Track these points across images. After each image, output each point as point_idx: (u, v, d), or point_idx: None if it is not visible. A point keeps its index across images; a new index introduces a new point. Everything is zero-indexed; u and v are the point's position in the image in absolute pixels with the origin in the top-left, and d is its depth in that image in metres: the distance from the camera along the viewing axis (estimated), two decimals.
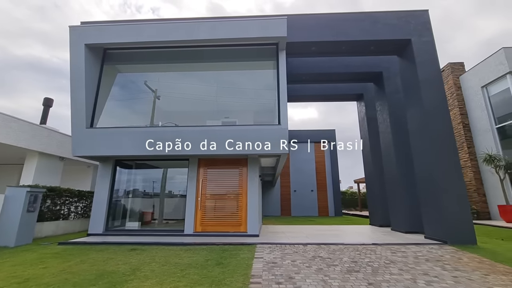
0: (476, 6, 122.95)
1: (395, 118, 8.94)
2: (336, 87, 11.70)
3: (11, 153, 9.15)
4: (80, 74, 7.15)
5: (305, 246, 6.21)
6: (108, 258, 5.32)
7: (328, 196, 20.06)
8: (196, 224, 7.87)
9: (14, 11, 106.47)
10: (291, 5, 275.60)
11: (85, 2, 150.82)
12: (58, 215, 8.81)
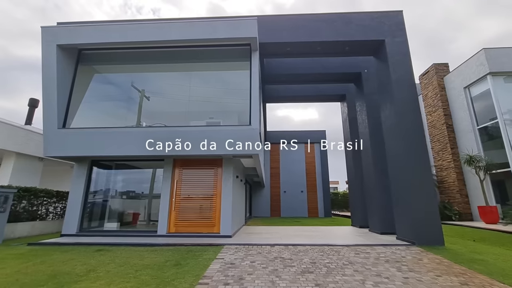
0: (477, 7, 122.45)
1: (373, 119, 8.94)
2: (318, 88, 11.70)
3: None
4: (52, 75, 7.15)
5: (272, 247, 6.19)
6: (69, 259, 5.30)
7: (318, 197, 20.03)
8: (170, 225, 7.85)
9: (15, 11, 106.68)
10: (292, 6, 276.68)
11: (85, 3, 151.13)
12: (35, 216, 8.79)
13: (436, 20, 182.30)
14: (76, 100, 7.99)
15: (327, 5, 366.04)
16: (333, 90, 11.68)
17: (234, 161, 8.27)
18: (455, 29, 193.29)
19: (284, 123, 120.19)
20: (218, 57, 8.20)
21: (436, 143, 12.93)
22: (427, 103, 13.66)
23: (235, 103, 8.62)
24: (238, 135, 6.94)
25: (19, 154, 9.19)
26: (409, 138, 6.74)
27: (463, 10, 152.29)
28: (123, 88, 8.75)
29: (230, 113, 8.80)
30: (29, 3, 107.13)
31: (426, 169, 6.53)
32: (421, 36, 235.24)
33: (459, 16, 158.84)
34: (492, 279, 3.96)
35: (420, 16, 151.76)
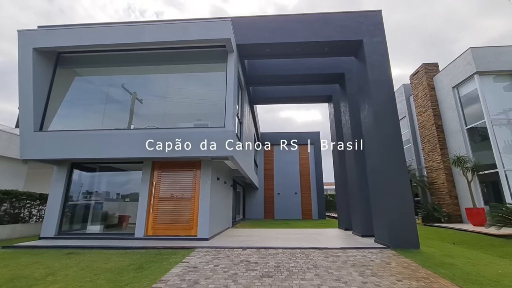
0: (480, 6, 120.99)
1: (355, 120, 8.83)
2: (305, 89, 11.62)
3: None
4: (28, 78, 7.17)
5: (243, 250, 6.11)
6: (34, 263, 5.26)
7: (312, 199, 19.87)
8: (147, 227, 7.80)
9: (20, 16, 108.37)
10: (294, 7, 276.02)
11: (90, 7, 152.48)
12: (17, 219, 8.81)
13: (438, 20, 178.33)
14: (55, 103, 8.01)
15: (329, 6, 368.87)
16: (319, 91, 11.59)
17: (214, 163, 8.22)
18: (458, 29, 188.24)
19: (287, 125, 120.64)
20: (199, 59, 8.15)
21: (426, 144, 12.74)
22: (417, 103, 13.49)
23: (217, 105, 8.57)
24: (213, 137, 6.88)
25: (1, 157, 9.23)
26: (386, 139, 6.63)
27: (466, 9, 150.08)
28: (104, 90, 8.74)
29: (214, 115, 8.74)
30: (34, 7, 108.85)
31: (403, 172, 6.40)
32: (423, 37, 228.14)
33: (462, 15, 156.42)
34: (453, 284, 3.84)
35: (421, 16, 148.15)
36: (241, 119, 9.58)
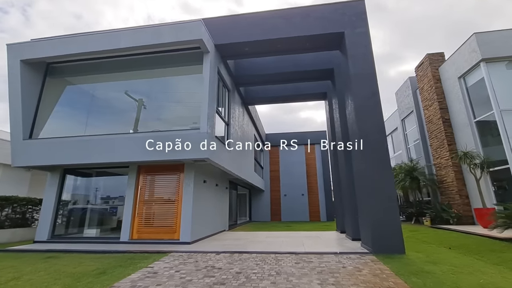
0: None
1: (344, 117, 8.38)
2: (299, 87, 11.28)
3: None
4: (16, 89, 7.51)
5: (217, 255, 5.94)
6: (9, 266, 5.42)
7: (320, 200, 19.26)
8: (132, 231, 7.86)
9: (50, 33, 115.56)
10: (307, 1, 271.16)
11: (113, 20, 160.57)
12: (18, 223, 9.25)
13: (466, 8, 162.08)
14: (47, 111, 8.33)
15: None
16: (313, 89, 11.19)
17: (199, 166, 8.13)
18: (489, 15, 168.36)
19: (307, 125, 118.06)
20: (180, 62, 8.11)
21: (434, 140, 11.85)
22: (423, 97, 12.61)
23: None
24: (188, 139, 6.80)
25: (5, 165, 9.77)
26: (367, 137, 6.19)
27: None
28: (96, 97, 8.97)
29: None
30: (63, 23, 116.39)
31: (386, 172, 5.93)
32: (449, 27, 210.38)
33: (493, 1, 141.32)
34: None
35: (447, 5, 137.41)
36: (228, 121, 9.44)
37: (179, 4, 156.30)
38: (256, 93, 11.81)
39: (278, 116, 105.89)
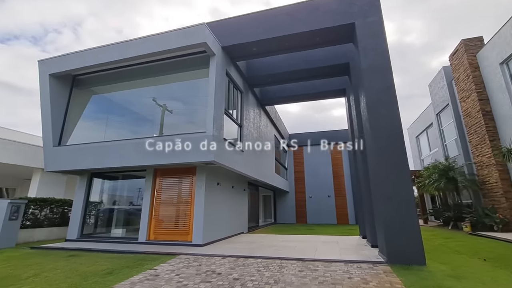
0: None
1: (361, 114, 7.81)
2: (315, 84, 10.83)
3: (23, 170, 11.02)
4: (46, 101, 8.26)
5: (222, 259, 5.87)
6: (35, 263, 5.92)
7: (348, 202, 18.30)
8: (149, 232, 8.15)
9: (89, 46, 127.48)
10: None
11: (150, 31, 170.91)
12: (54, 222, 10.16)
13: None
14: (73, 120, 9.04)
15: None
16: (331, 85, 10.66)
17: (211, 169, 8.16)
18: None
19: (341, 123, 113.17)
20: (191, 66, 8.25)
21: (473, 135, 10.52)
22: (460, 88, 11.27)
23: None
24: (194, 142, 6.86)
25: (62, 171, 10.77)
26: (381, 135, 5.66)
27: None
28: (119, 104, 9.50)
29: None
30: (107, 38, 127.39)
31: (403, 173, 5.36)
32: (499, 12, 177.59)
33: None
34: None
35: None
36: (241, 123, 9.37)
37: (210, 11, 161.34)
38: (272, 93, 11.60)
39: (310, 116, 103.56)
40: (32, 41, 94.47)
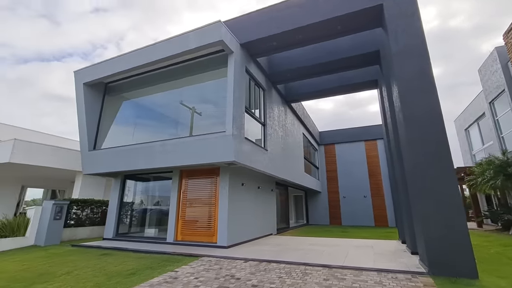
0: None
1: (394, 105, 7.05)
2: (342, 77, 10.13)
3: (69, 173, 12.02)
4: (82, 109, 8.87)
5: (244, 263, 5.66)
6: (71, 261, 6.30)
7: (386, 203, 16.96)
8: (177, 233, 8.27)
9: None
10: None
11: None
12: (95, 222, 10.90)
13: None
14: (106, 124, 9.58)
15: None
16: (361, 77, 9.87)
17: (235, 169, 8.03)
18: None
19: (378, 119, 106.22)
20: (211, 66, 8.20)
21: None
22: None
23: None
24: (214, 143, 6.76)
25: (97, 173, 11.63)
26: (417, 126, 4.97)
27: None
28: (147, 108, 9.86)
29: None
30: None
31: (445, 169, 4.63)
32: None
33: None
34: None
35: None
36: (265, 121, 9.10)
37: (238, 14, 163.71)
38: (297, 89, 11.14)
39: (344, 113, 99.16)
40: (83, 57, 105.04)
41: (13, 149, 9.06)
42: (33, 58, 71.83)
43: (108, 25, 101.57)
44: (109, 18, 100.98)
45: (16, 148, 9.16)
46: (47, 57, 78.38)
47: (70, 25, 79.24)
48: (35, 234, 8.58)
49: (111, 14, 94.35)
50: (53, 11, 65.63)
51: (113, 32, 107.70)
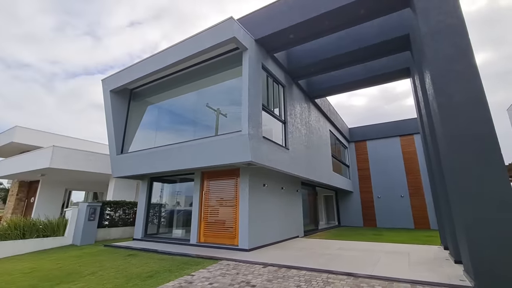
0: None
1: (427, 94, 6.25)
2: (369, 67, 9.36)
3: (104, 177, 12.78)
4: (109, 115, 9.30)
5: (263, 268, 5.39)
6: (98, 261, 6.56)
7: (427, 203, 15.45)
8: (199, 234, 8.26)
9: None
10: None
11: None
12: (127, 222, 11.42)
13: None
14: (132, 129, 9.95)
15: None
16: (390, 66, 9.02)
17: (255, 169, 7.80)
18: None
19: (414, 112, 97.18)
20: (228, 65, 8.07)
21: None
22: None
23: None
24: (230, 143, 6.59)
25: (125, 176, 12.28)
26: (455, 115, 4.28)
27: None
28: (169, 111, 10.05)
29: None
30: None
31: (492, 165, 3.90)
32: None
33: None
34: None
35: None
36: (285, 119, 8.73)
37: None
38: (320, 84, 10.56)
39: (378, 108, 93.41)
40: None
41: (52, 155, 9.81)
42: (80, 73, 79.41)
43: (142, 37, 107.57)
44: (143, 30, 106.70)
45: (55, 154, 9.92)
46: (91, 71, 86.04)
47: (110, 40, 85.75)
48: (72, 234, 9.20)
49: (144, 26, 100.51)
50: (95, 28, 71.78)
51: (148, 43, 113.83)
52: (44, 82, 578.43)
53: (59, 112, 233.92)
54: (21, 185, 14.59)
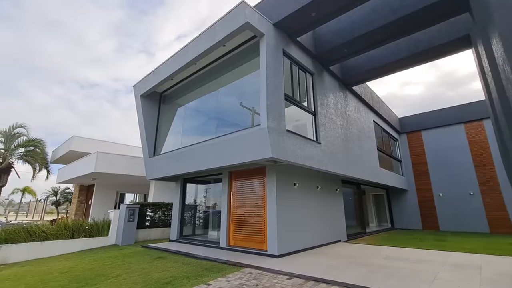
0: None
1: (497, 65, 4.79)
2: (416, 41, 7.86)
3: (144, 179, 13.42)
4: (141, 119, 9.59)
5: (288, 279, 4.70)
6: (129, 263, 6.62)
7: (506, 202, 12.65)
8: (229, 238, 7.89)
9: None
10: None
11: None
12: (166, 223, 11.72)
13: None
14: (164, 131, 10.13)
15: None
16: (441, 36, 7.38)
17: (283, 167, 7.12)
18: None
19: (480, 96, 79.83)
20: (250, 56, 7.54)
21: None
22: None
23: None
24: (250, 139, 6.03)
25: (157, 178, 12.78)
26: None
27: None
28: (197, 110, 9.95)
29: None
30: None
31: None
32: None
33: None
34: None
35: None
36: (315, 110, 7.83)
37: None
38: (356, 68, 9.30)
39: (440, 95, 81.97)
40: None
41: (97, 160, 10.54)
42: None
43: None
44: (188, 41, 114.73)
45: (99, 160, 10.64)
46: None
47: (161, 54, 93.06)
48: (115, 235, 9.70)
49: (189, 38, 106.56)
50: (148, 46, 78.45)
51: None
52: (111, 98, 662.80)
53: (123, 124, 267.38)
54: (81, 188, 16.31)
